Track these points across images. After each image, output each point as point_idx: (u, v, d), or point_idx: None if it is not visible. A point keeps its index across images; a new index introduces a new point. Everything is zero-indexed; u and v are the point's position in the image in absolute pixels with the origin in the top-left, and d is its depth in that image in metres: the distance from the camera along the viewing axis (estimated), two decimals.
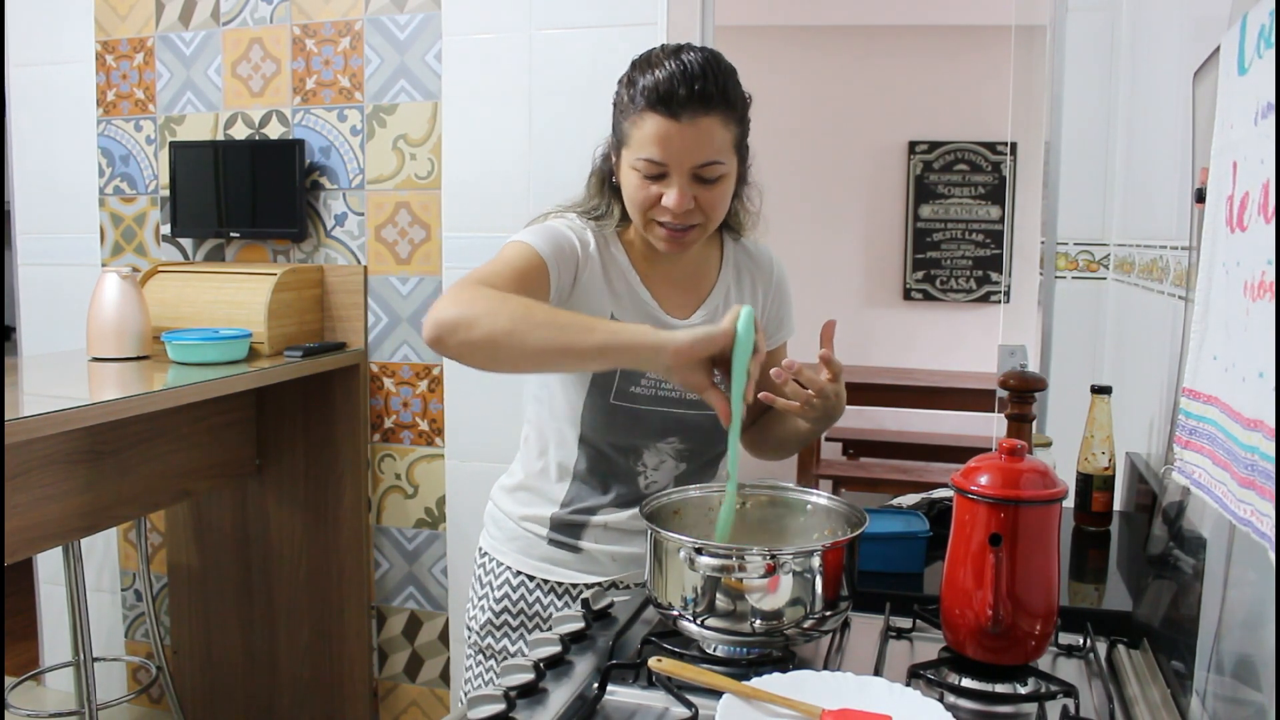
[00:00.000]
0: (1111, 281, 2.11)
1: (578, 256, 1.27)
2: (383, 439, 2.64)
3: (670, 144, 1.16)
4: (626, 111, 1.21)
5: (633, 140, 1.20)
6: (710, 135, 1.17)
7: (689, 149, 1.17)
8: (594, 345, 1.07)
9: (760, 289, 1.41)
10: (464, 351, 1.10)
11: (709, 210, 1.22)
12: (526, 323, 1.07)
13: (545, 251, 1.23)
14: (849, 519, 1.09)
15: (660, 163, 1.18)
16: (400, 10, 2.50)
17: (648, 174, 1.19)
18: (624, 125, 1.21)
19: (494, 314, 1.08)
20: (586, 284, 1.28)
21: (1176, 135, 1.48)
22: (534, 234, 1.26)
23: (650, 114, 1.17)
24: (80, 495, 2.09)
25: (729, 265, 1.39)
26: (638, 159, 1.19)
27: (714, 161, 1.19)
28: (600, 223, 1.32)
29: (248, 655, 2.74)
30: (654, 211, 1.21)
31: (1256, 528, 0.67)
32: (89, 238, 2.83)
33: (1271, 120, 0.69)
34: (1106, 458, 1.54)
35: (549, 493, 1.36)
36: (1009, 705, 0.96)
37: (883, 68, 4.87)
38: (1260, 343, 0.68)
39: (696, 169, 1.18)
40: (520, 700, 0.92)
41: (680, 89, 1.15)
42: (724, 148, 1.20)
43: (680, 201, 1.19)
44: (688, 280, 1.35)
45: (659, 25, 2.26)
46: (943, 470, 4.04)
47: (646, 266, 1.32)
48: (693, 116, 1.16)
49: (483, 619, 1.40)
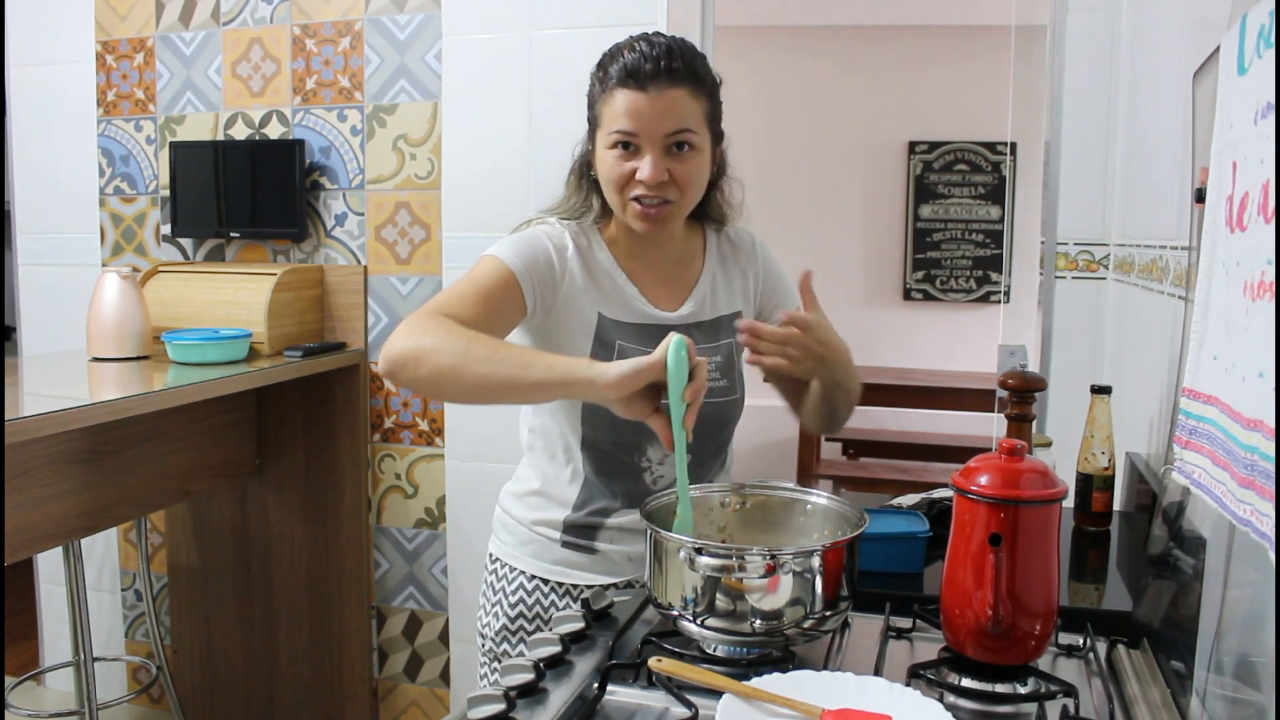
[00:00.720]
0: (1111, 281, 2.11)
1: (554, 265, 1.28)
2: (383, 439, 2.64)
3: (640, 114, 1.20)
4: (597, 96, 1.25)
5: (604, 119, 1.24)
6: (679, 105, 1.21)
7: (658, 119, 1.20)
8: (532, 381, 1.09)
9: (749, 270, 1.42)
10: (413, 386, 1.15)
11: (683, 184, 1.24)
12: (466, 358, 1.10)
13: (516, 264, 1.25)
14: (849, 519, 1.09)
15: (632, 132, 1.21)
16: (400, 10, 2.50)
17: (621, 146, 1.22)
18: (596, 109, 1.26)
19: (438, 351, 1.11)
20: (569, 290, 1.28)
21: (1176, 135, 1.48)
22: (507, 246, 1.28)
23: (619, 89, 1.21)
24: (80, 495, 2.09)
25: (713, 255, 1.39)
26: (610, 134, 1.22)
27: (683, 129, 1.21)
28: (581, 220, 1.33)
29: (248, 655, 2.74)
30: (629, 188, 1.23)
31: (1256, 528, 0.67)
32: (89, 238, 2.83)
33: (1271, 120, 0.69)
34: (1106, 458, 1.54)
35: (561, 496, 1.35)
36: (1009, 705, 0.96)
37: (883, 68, 4.87)
38: (1260, 343, 0.68)
39: (667, 137, 1.21)
40: (520, 700, 0.92)
41: (647, 64, 1.20)
42: (693, 119, 1.22)
43: (654, 174, 1.21)
44: (673, 272, 1.36)
45: (659, 25, 2.26)
46: (943, 470, 4.05)
47: (630, 261, 1.33)
48: (660, 88, 1.19)
49: (498, 625, 1.39)
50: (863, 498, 3.02)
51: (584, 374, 1.06)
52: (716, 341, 1.36)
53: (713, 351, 1.34)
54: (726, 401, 1.35)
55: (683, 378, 1.03)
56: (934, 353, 4.96)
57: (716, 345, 1.35)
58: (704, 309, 1.36)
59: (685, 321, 1.33)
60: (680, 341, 1.03)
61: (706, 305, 1.36)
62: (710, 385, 1.31)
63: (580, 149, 1.34)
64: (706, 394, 1.27)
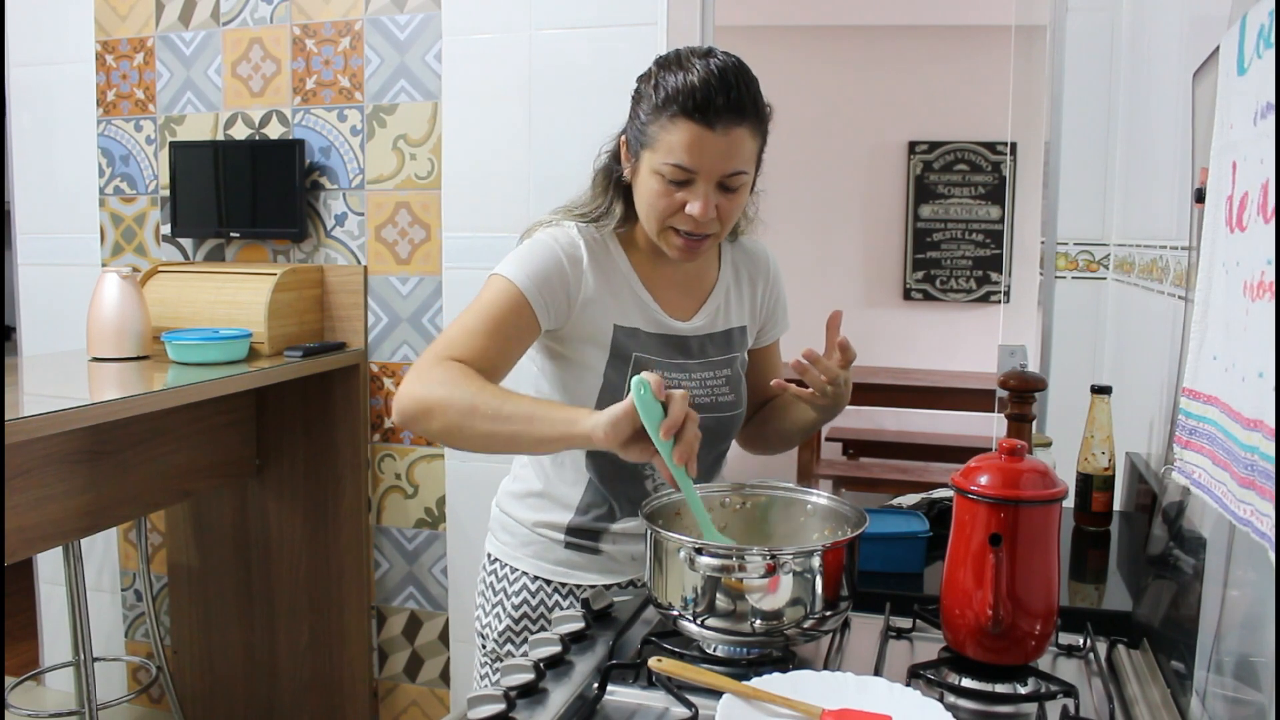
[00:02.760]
0: (1111, 281, 2.11)
1: (567, 277, 1.25)
2: (383, 439, 2.64)
3: (703, 152, 1.14)
4: (654, 114, 1.17)
5: (660, 144, 1.17)
6: (741, 145, 1.16)
7: (720, 158, 1.15)
8: (535, 437, 1.09)
9: (760, 285, 1.41)
10: (427, 438, 1.18)
11: (725, 219, 1.21)
12: (473, 416, 1.10)
13: (527, 284, 1.22)
14: (849, 519, 1.09)
15: (690, 169, 1.16)
16: (400, 10, 2.50)
17: (673, 179, 1.17)
18: (650, 128, 1.18)
19: (445, 407, 1.12)
20: (585, 301, 1.26)
21: (1176, 135, 1.48)
22: (517, 263, 1.24)
23: (684, 120, 1.14)
24: (80, 495, 2.09)
25: (727, 265, 1.38)
26: (665, 163, 1.16)
27: (741, 171, 1.18)
28: (600, 224, 1.30)
29: (248, 655, 2.74)
30: (675, 219, 1.20)
31: (1256, 528, 0.67)
32: (89, 238, 2.83)
33: (1271, 120, 0.69)
34: (1106, 458, 1.54)
35: (564, 498, 1.34)
36: (1009, 705, 0.96)
37: (883, 68, 4.87)
38: (1260, 343, 0.68)
39: (724, 178, 1.17)
40: (520, 700, 0.92)
41: (718, 97, 1.13)
42: (750, 158, 1.19)
43: (705, 210, 1.17)
44: (689, 283, 1.34)
45: (659, 25, 2.26)
46: (943, 470, 4.04)
47: (649, 270, 1.31)
48: (726, 126, 1.14)
49: (500, 627, 1.37)
50: (863, 498, 3.02)
51: (582, 429, 1.05)
52: (729, 354, 1.35)
53: (723, 365, 1.33)
54: (732, 416, 1.35)
55: (654, 415, 1.00)
56: (934, 353, 4.96)
57: (728, 359, 1.35)
58: (716, 321, 1.35)
59: (699, 333, 1.32)
60: (640, 381, 1.00)
61: (720, 317, 1.35)
62: (718, 399, 1.31)
63: (610, 148, 1.29)
64: (712, 409, 1.28)
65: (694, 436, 1.01)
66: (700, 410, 1.27)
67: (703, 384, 1.30)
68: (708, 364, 1.32)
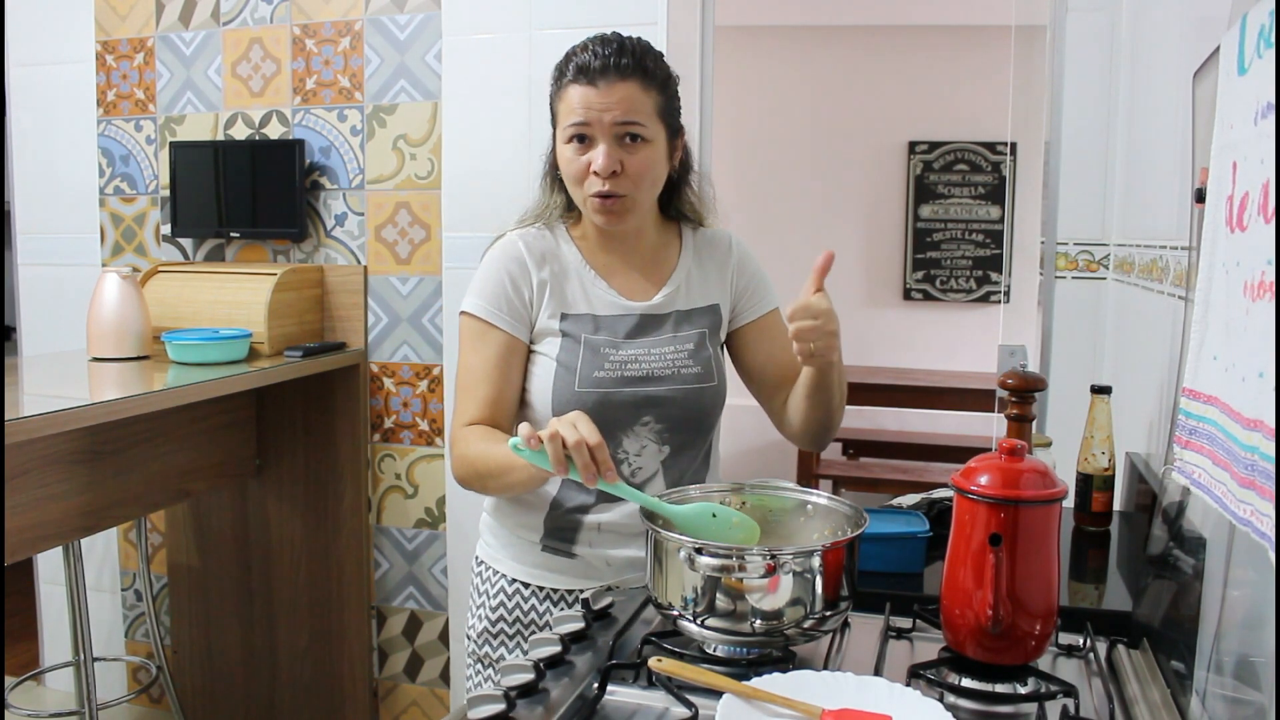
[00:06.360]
0: (1111, 281, 2.11)
1: (519, 285, 1.34)
2: (383, 439, 2.64)
3: (590, 106, 1.25)
4: (555, 94, 1.31)
5: (560, 114, 1.30)
6: (630, 100, 1.26)
7: (608, 109, 1.25)
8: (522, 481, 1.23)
9: (726, 265, 1.44)
10: None
11: (635, 176, 1.28)
12: (487, 482, 1.28)
13: (490, 311, 1.33)
14: (849, 519, 1.09)
15: (583, 123, 1.26)
16: (400, 10, 2.50)
17: (575, 138, 1.27)
18: (554, 106, 1.32)
19: (471, 480, 1.30)
20: (535, 298, 1.35)
21: (1176, 135, 1.48)
22: (475, 293, 1.35)
23: (572, 85, 1.27)
24: (80, 495, 2.09)
25: (689, 250, 1.42)
26: (565, 128, 1.28)
27: (632, 120, 1.26)
28: (550, 220, 1.40)
29: (248, 655, 2.74)
30: (587, 183, 1.28)
31: (1256, 528, 0.67)
32: (89, 238, 2.83)
33: (1271, 120, 0.69)
34: (1106, 458, 1.54)
35: (538, 494, 1.36)
36: (1009, 705, 0.96)
37: (883, 68, 4.87)
38: (1260, 343, 0.68)
39: (617, 127, 1.25)
40: (520, 700, 0.92)
41: (596, 61, 1.26)
42: (643, 112, 1.27)
43: (606, 163, 1.25)
44: (646, 267, 1.39)
45: (659, 25, 2.26)
46: (943, 470, 4.04)
47: (601, 256, 1.38)
48: (610, 82, 1.25)
49: (480, 627, 1.42)
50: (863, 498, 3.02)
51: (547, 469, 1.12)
52: (693, 330, 1.38)
53: (686, 340, 1.36)
54: (701, 389, 1.35)
55: (542, 461, 1.08)
56: (934, 353, 4.96)
57: (693, 334, 1.37)
58: (677, 299, 1.39)
59: (658, 311, 1.37)
60: (512, 442, 1.09)
61: (681, 295, 1.39)
62: (679, 370, 1.34)
63: (547, 151, 1.39)
64: (673, 379, 1.33)
65: (586, 460, 1.06)
66: (658, 382, 1.32)
67: (661, 357, 1.34)
68: (670, 339, 1.36)
